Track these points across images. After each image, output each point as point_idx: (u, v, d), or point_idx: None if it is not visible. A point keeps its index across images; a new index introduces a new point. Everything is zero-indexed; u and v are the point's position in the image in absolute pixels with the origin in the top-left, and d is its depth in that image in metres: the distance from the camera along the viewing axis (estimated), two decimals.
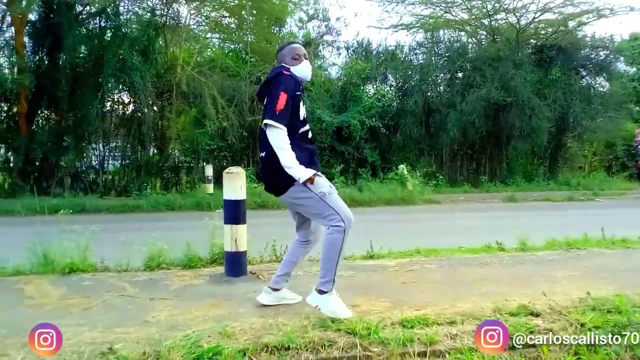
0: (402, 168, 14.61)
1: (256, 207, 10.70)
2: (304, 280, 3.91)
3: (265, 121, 2.88)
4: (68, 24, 12.79)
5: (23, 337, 2.60)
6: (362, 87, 18.12)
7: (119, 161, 15.93)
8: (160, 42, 15.34)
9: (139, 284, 3.81)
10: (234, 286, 3.77)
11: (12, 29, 13.56)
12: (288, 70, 3.03)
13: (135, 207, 10.99)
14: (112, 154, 15.97)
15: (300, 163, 2.85)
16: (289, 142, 2.86)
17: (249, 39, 16.32)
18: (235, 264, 4.03)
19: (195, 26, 17.08)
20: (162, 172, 15.48)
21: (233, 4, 16.30)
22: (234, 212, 3.99)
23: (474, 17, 18.73)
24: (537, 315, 3.01)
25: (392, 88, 19.75)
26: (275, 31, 17.94)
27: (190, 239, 4.52)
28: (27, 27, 13.65)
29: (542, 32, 19.10)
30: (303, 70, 3.09)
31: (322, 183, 2.92)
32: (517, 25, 18.00)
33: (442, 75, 19.43)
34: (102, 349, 2.47)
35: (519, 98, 16.88)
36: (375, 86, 19.29)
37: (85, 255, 4.33)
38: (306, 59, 3.13)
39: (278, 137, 2.85)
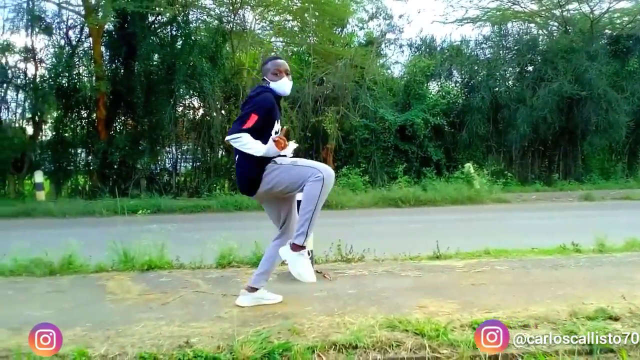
0: (469, 166, 14.23)
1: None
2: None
3: (227, 138, 3.01)
4: (141, 33, 13.54)
5: (107, 330, 2.80)
6: (425, 85, 17.85)
7: (190, 163, 16.65)
8: (227, 48, 15.85)
9: (211, 281, 3.98)
10: (301, 285, 3.83)
11: (90, 39, 14.53)
12: (267, 87, 3.15)
13: (205, 207, 11.44)
14: (184, 156, 16.71)
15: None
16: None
17: (312, 41, 16.50)
18: None
19: (260, 31, 17.52)
20: (230, 173, 15.98)
21: (296, 7, 16.54)
22: None
23: (544, 7, 17.93)
24: (616, 319, 2.87)
25: (458, 84, 19.32)
26: (337, 32, 18.04)
27: (258, 238, 4.65)
28: (103, 37, 14.56)
29: (618, 21, 18.02)
30: (281, 86, 3.17)
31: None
32: (591, 15, 17.07)
33: (510, 69, 18.78)
34: (179, 342, 2.61)
35: (594, 91, 16.00)
36: (439, 83, 18.96)
37: (162, 253, 4.57)
38: (287, 74, 3.19)
39: (242, 140, 2.96)
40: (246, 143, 2.96)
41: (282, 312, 3.10)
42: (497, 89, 18.03)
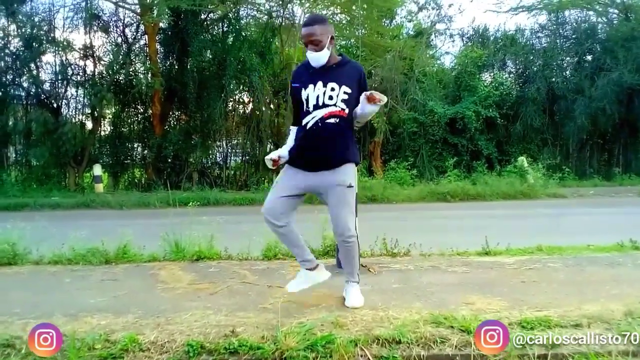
0: (522, 160, 13.78)
1: (367, 201, 10.76)
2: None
3: None
4: (194, 30, 13.90)
5: (157, 317, 2.90)
6: (477, 76, 17.38)
7: (240, 157, 16.98)
8: (276, 43, 16.01)
9: (258, 272, 4.04)
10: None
11: (146, 37, 15.04)
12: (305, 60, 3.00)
13: (253, 200, 11.63)
14: (233, 150, 17.07)
15: (290, 155, 3.01)
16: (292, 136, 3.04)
17: (360, 34, 16.38)
18: None
19: None
20: (278, 167, 16.18)
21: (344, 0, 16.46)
22: None
23: None
24: None
25: (512, 75, 18.73)
26: (385, 24, 17.82)
27: (303, 232, 4.67)
28: (158, 35, 15.05)
29: None
30: (309, 58, 2.88)
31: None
32: None
33: (568, 59, 17.99)
34: (225, 331, 2.67)
35: None
36: (492, 74, 18.39)
37: (211, 244, 4.69)
38: (311, 43, 2.82)
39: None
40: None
41: (326, 305, 3.11)
42: (553, 79, 17.33)
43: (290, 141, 3.05)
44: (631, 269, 4.00)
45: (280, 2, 15.52)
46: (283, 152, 3.04)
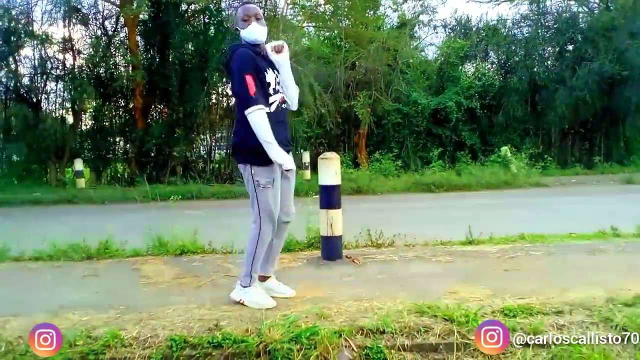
0: (505, 150, 13.88)
1: (352, 192, 10.77)
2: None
3: (249, 111, 2.69)
4: (175, 22, 13.70)
5: (140, 313, 2.88)
6: (460, 67, 17.45)
7: (224, 150, 16.86)
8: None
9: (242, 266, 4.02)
10: (330, 269, 3.85)
11: (126, 29, 14.80)
12: (236, 45, 2.90)
13: (239, 194, 11.54)
14: (217, 143, 16.93)
15: (256, 144, 2.72)
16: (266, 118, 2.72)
17: (344, 25, 16.32)
18: (331, 248, 4.11)
19: (291, 17, 17.41)
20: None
21: None
22: (329, 197, 4.06)
23: None
24: None
25: (494, 65, 18.83)
26: (369, 14, 17.76)
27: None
28: (138, 27, 14.78)
29: None
30: (251, 32, 2.83)
31: (262, 174, 2.79)
32: None
33: (549, 49, 18.12)
34: (209, 325, 2.66)
35: (636, 71, 15.22)
36: (475, 65, 18.48)
37: (195, 238, 4.65)
38: (258, 19, 2.84)
39: (254, 117, 2.69)
40: (257, 122, 2.68)
41: (310, 297, 3.11)
42: (535, 69, 17.47)
43: (268, 127, 2.72)
44: (612, 256, 4.07)
45: None
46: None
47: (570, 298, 2.91)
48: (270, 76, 2.84)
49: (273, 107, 2.83)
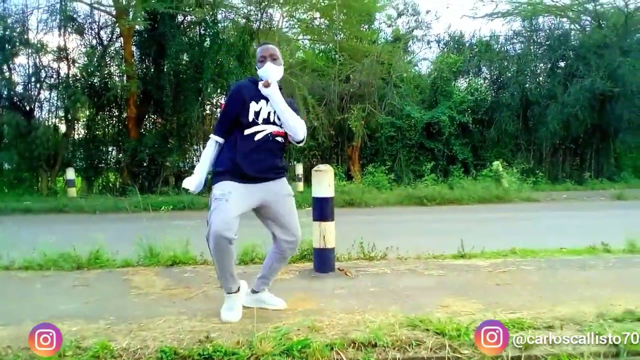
0: (497, 164, 13.98)
1: (345, 205, 10.78)
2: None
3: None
4: (171, 33, 13.75)
5: (130, 323, 2.85)
6: (453, 82, 17.63)
7: None
8: (254, 47, 15.96)
9: None
10: (322, 282, 3.84)
11: (121, 39, 14.83)
12: (249, 78, 3.15)
13: None
14: None
15: (224, 167, 2.88)
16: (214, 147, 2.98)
17: (339, 38, 16.46)
18: (323, 261, 4.11)
19: (287, 29, 17.57)
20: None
21: (324, 4, 16.53)
22: (322, 210, 4.06)
23: (576, 1, 17.46)
24: None
25: (486, 81, 19.06)
26: (364, 29, 17.96)
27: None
28: (134, 37, 14.85)
29: None
30: (266, 71, 2.98)
31: (217, 189, 2.85)
32: (626, 10, 16.49)
33: (541, 65, 18.40)
34: (200, 337, 2.63)
35: (627, 88, 15.53)
36: (467, 80, 18.68)
37: (187, 249, 4.63)
38: (274, 60, 3.01)
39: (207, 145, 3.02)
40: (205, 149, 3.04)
41: (302, 309, 3.10)
42: (527, 85, 17.70)
43: (211, 155, 2.98)
44: (603, 271, 4.09)
45: (259, 6, 15.50)
46: (202, 173, 3.01)
47: (561, 313, 2.92)
48: (259, 106, 2.93)
49: (260, 136, 2.89)
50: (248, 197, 2.86)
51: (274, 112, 2.95)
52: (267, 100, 2.95)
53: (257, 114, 2.90)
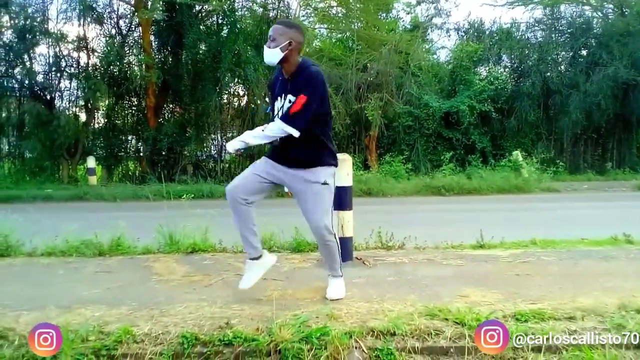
0: (517, 154, 13.81)
1: (362, 194, 10.76)
2: None
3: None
4: (189, 22, 13.78)
5: (151, 309, 2.90)
6: (473, 70, 17.38)
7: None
8: None
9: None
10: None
11: (140, 29, 14.91)
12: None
13: None
14: None
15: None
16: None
17: (356, 27, 16.31)
18: (341, 250, 4.09)
19: (304, 18, 17.44)
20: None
21: None
22: (341, 199, 4.05)
23: None
24: None
25: (507, 69, 18.73)
26: (382, 17, 17.75)
27: (298, 224, 4.66)
28: (152, 27, 14.90)
29: None
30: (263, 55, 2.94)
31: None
32: None
33: (563, 53, 18.03)
34: (220, 323, 2.66)
35: None
36: (487, 68, 18.39)
37: (206, 237, 4.68)
38: (271, 41, 2.87)
39: None
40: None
41: (320, 297, 3.11)
42: (548, 73, 17.35)
43: (260, 131, 2.99)
44: (625, 263, 4.03)
45: None
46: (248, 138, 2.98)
47: (582, 304, 2.88)
48: (278, 104, 2.96)
49: None
50: (271, 169, 2.99)
51: (281, 108, 2.93)
52: (281, 95, 2.94)
53: (273, 110, 3.03)
